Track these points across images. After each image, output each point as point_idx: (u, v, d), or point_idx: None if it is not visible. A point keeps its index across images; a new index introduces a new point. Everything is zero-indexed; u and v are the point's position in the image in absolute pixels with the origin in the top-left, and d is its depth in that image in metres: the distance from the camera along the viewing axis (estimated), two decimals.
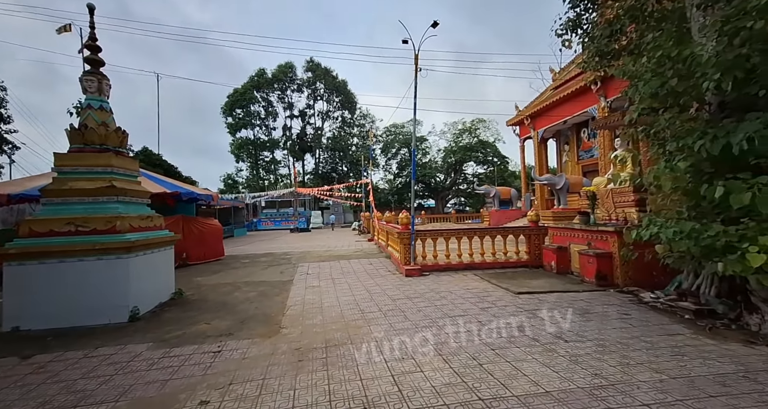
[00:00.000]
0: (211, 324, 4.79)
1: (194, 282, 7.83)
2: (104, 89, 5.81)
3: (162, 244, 6.01)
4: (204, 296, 6.57)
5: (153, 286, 5.70)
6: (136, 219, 5.54)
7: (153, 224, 6.00)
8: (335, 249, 13.87)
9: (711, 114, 4.57)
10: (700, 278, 4.75)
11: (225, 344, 3.96)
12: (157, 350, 3.87)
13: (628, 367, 3.02)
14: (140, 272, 5.35)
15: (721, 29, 3.75)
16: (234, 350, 3.79)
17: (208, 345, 3.97)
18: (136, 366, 3.47)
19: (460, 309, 4.99)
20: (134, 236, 5.29)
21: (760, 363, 3.02)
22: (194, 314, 5.30)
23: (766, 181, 3.51)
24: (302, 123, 47.52)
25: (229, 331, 4.46)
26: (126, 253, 5.07)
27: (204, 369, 3.32)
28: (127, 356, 3.73)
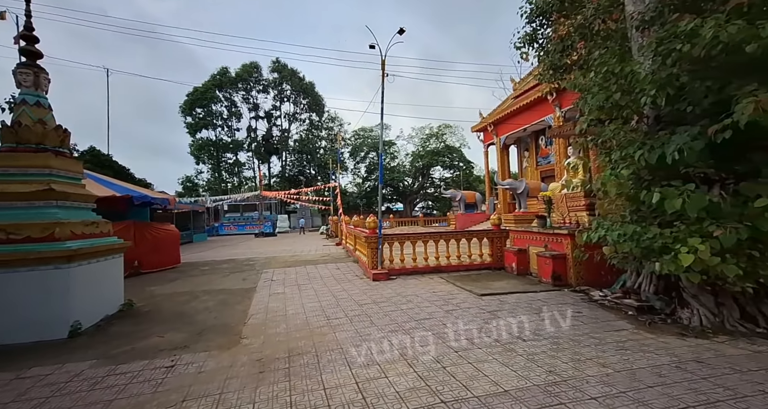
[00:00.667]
0: (165, 337, 4.51)
1: (147, 292, 7.33)
2: (42, 83, 5.33)
3: (109, 252, 5.58)
4: (157, 306, 6.17)
5: (98, 298, 5.27)
6: (78, 225, 5.11)
7: (99, 230, 5.56)
8: (302, 254, 13.59)
9: (649, 126, 5.00)
10: (641, 277, 5.15)
11: (179, 358, 3.74)
12: (101, 368, 3.57)
13: (579, 363, 3.20)
14: (83, 283, 4.93)
15: (656, 50, 4.14)
16: (189, 363, 3.59)
17: (161, 360, 3.73)
18: (75, 387, 3.18)
19: (426, 312, 5.06)
20: (76, 244, 4.87)
21: (690, 354, 3.33)
22: (146, 327, 4.96)
23: (693, 188, 3.90)
24: (268, 125, 46.31)
25: (185, 343, 4.22)
26: (66, 263, 4.65)
27: (154, 386, 3.11)
28: (66, 376, 3.41)
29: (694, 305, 4.28)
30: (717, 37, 3.41)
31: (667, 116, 4.77)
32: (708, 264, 3.65)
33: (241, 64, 42.96)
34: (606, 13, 5.53)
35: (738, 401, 2.46)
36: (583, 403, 2.53)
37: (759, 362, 3.09)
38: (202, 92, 40.52)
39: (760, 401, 2.46)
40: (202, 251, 16.79)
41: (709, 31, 3.43)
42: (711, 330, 3.93)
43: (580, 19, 5.76)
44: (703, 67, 3.94)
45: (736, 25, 3.31)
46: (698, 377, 2.82)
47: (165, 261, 10.56)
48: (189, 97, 40.80)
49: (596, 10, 5.62)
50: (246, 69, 42.66)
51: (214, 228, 32.71)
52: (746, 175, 4.08)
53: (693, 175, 4.31)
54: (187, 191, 41.58)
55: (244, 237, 28.10)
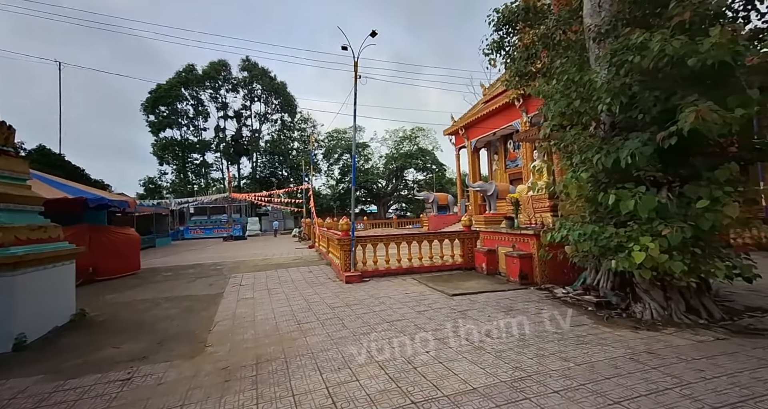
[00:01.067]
0: (122, 348, 4.24)
1: (103, 300, 6.87)
2: None
3: (59, 258, 5.19)
4: (114, 315, 5.80)
5: (47, 308, 4.88)
6: (23, 230, 4.71)
7: (47, 235, 5.16)
8: (273, 257, 13.26)
9: (605, 132, 5.30)
10: (599, 275, 5.45)
11: (137, 370, 3.53)
12: (48, 384, 3.30)
13: (543, 358, 3.33)
14: (29, 293, 4.54)
15: (610, 61, 4.41)
16: (148, 375, 3.40)
17: (116, 373, 3.50)
18: (19, 405, 2.92)
19: (398, 314, 5.08)
20: (21, 250, 4.48)
21: (642, 345, 3.55)
22: (99, 338, 4.65)
23: (644, 190, 4.18)
24: (238, 125, 44.96)
25: (144, 354, 3.99)
26: (10, 270, 4.27)
27: (108, 401, 2.91)
28: (9, 393, 3.13)
29: (645, 299, 4.57)
30: (663, 50, 3.68)
31: (620, 123, 5.08)
32: (657, 261, 3.92)
33: (209, 62, 41.52)
34: (566, 24, 5.84)
35: (683, 387, 2.66)
36: (546, 397, 2.63)
37: (701, 351, 3.35)
38: (166, 90, 38.71)
39: (702, 386, 2.66)
40: (165, 255, 15.97)
41: (657, 44, 3.70)
42: (661, 323, 4.22)
43: (543, 29, 6.04)
44: (652, 78, 4.24)
45: (680, 40, 3.59)
46: (649, 368, 3.02)
47: (124, 267, 9.96)
48: (152, 94, 38.87)
49: (557, 22, 5.92)
50: (214, 67, 41.27)
51: (179, 232, 31.27)
52: (689, 178, 4.43)
53: (644, 178, 4.61)
54: (149, 193, 39.48)
55: (212, 241, 27.06)
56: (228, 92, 43.66)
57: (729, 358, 3.15)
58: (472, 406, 2.56)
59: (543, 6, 6.62)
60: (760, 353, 3.25)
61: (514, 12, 6.65)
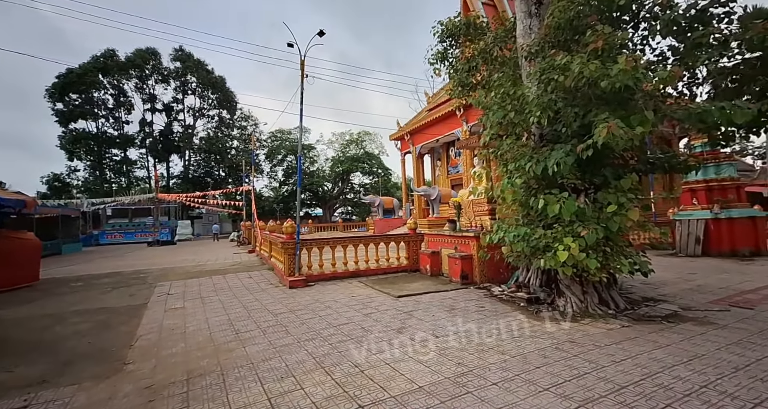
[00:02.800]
0: (15, 372, 3.59)
1: None
2: None
3: None
4: (4, 334, 4.89)
5: None
6: None
7: None
8: (208, 263, 12.27)
9: (535, 143, 5.83)
10: (530, 273, 5.94)
11: (36, 397, 3.01)
12: None
13: (483, 353, 3.53)
14: None
15: (539, 78, 4.87)
16: (50, 402, 2.91)
17: (8, 401, 2.94)
18: None
19: (345, 317, 5.01)
20: None
21: (565, 336, 3.94)
22: None
23: (566, 196, 4.68)
24: (167, 119, 41.11)
25: (43, 378, 3.41)
26: None
27: None
28: None
29: (567, 294, 5.09)
30: (582, 72, 4.16)
31: (547, 135, 5.63)
32: (577, 259, 4.40)
33: (135, 49, 37.44)
34: (502, 41, 6.33)
35: (599, 371, 3.00)
36: (486, 389, 2.78)
37: (611, 338, 3.81)
38: (79, 75, 33.95)
39: (613, 369, 3.03)
40: (74, 263, 13.93)
41: (577, 66, 4.17)
42: (579, 314, 4.73)
43: (482, 44, 6.48)
44: (572, 96, 4.76)
45: (595, 64, 4.09)
46: (571, 355, 3.36)
47: (17, 278, 8.47)
48: (60, 79, 33.83)
49: (495, 38, 6.39)
50: (141, 54, 37.25)
51: (93, 237, 27.57)
52: (601, 185, 5.05)
53: (566, 185, 5.16)
54: (55, 193, 34.25)
55: (134, 246, 24.31)
56: (157, 83, 39.74)
57: (632, 343, 3.63)
58: (418, 405, 2.61)
59: (482, 23, 7.10)
60: (654, 337, 3.79)
61: (457, 26, 7.04)
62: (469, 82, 6.69)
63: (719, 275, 7.09)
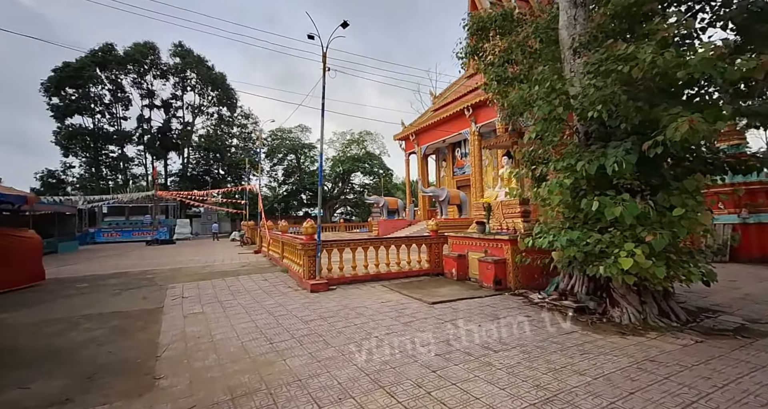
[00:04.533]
0: (32, 388, 3.19)
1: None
2: None
3: None
4: (13, 342, 4.47)
5: None
6: None
7: None
8: (216, 264, 11.83)
9: (580, 141, 5.50)
10: (573, 279, 5.61)
11: None
12: None
13: (557, 372, 3.17)
14: None
15: (597, 70, 4.52)
16: None
17: None
18: None
19: (383, 326, 4.64)
20: None
21: (640, 353, 3.57)
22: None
23: (628, 198, 4.33)
24: (166, 116, 40.45)
25: (67, 395, 3.03)
26: None
27: None
28: None
29: (623, 304, 4.75)
30: (654, 61, 3.83)
31: (594, 132, 5.31)
32: (642, 267, 4.06)
33: (133, 43, 36.72)
34: (544, 32, 5.98)
35: (705, 399, 2.64)
36: None
37: (692, 356, 3.46)
38: (76, 69, 33.23)
39: (720, 396, 2.68)
40: (74, 263, 13.42)
41: (649, 55, 3.83)
42: (641, 327, 4.39)
43: (522, 36, 6.15)
44: (634, 89, 4.42)
45: (671, 53, 3.77)
46: (661, 378, 3.01)
47: (21, 278, 8.01)
48: (57, 73, 33.09)
49: (536, 29, 6.04)
50: (139, 49, 36.54)
51: (89, 235, 26.93)
52: (658, 187, 4.72)
53: (620, 187, 4.83)
54: (49, 189, 33.45)
55: (133, 245, 23.75)
56: (155, 79, 39.06)
57: (720, 362, 3.29)
58: None
59: (519, 15, 6.77)
60: (740, 355, 3.46)
61: (491, 18, 6.71)
62: (506, 77, 6.34)
63: (761, 283, 6.82)
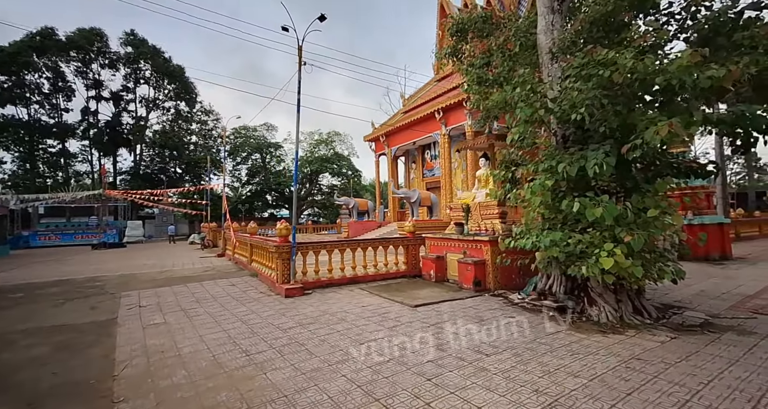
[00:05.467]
0: None
1: None
2: None
3: None
4: None
5: None
6: None
7: None
8: (175, 269, 10.93)
9: (558, 143, 5.63)
10: (551, 279, 5.72)
11: None
12: None
13: (552, 375, 3.13)
14: None
15: (579, 73, 4.62)
16: None
17: None
18: None
19: (368, 333, 4.43)
20: None
21: (624, 351, 3.64)
22: None
23: (607, 199, 4.47)
24: (116, 109, 37.39)
25: None
26: None
27: None
28: None
29: (600, 302, 4.89)
30: (634, 67, 3.97)
31: (571, 135, 5.46)
32: (622, 266, 4.19)
33: (77, 28, 33.55)
34: (524, 36, 6.08)
35: (697, 396, 2.70)
36: None
37: (674, 353, 3.57)
38: (10, 54, 29.79)
39: (710, 393, 2.75)
40: (5, 270, 11.86)
41: (630, 61, 3.96)
42: (618, 325, 4.52)
43: (503, 38, 6.22)
44: (613, 93, 4.57)
45: (650, 59, 3.92)
46: (651, 377, 3.06)
47: None
48: None
49: (516, 31, 6.13)
50: (84, 35, 33.41)
51: (23, 238, 24.17)
52: (632, 189, 4.93)
53: (596, 188, 4.99)
54: None
55: (76, 249, 21.62)
56: (103, 68, 35.97)
57: (699, 358, 3.41)
58: None
59: (498, 19, 6.85)
60: (713, 350, 3.62)
61: (471, 20, 6.74)
62: (487, 78, 6.39)
63: (710, 280, 7.39)
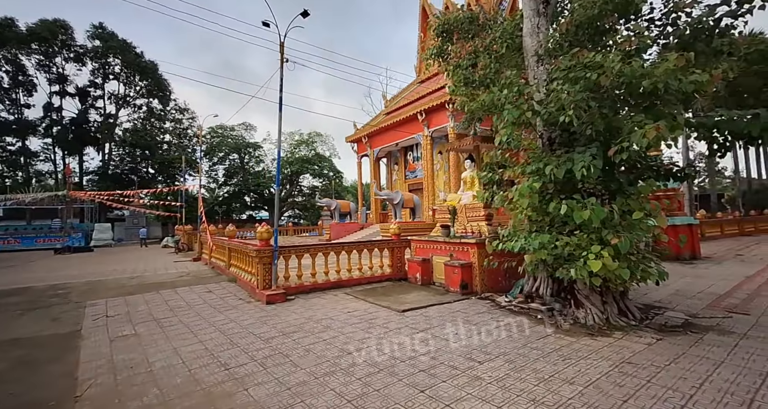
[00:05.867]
0: None
1: None
2: None
3: None
4: None
5: None
6: None
7: None
8: (147, 275, 10.34)
9: (544, 145, 5.64)
10: (538, 282, 5.72)
11: None
12: None
13: (547, 383, 3.06)
14: None
15: (566, 76, 4.63)
16: None
17: None
18: None
19: (356, 340, 4.25)
20: None
21: (615, 355, 3.62)
22: None
23: (594, 201, 4.48)
24: (82, 105, 35.42)
25: None
26: None
27: None
28: None
29: (587, 305, 4.90)
30: (622, 70, 3.99)
31: (558, 138, 5.48)
32: (609, 268, 4.20)
33: (39, 19, 31.56)
34: (510, 38, 6.08)
35: (691, 401, 2.70)
36: None
37: (662, 355, 3.57)
38: None
39: (702, 397, 2.75)
40: None
41: (617, 64, 3.99)
42: (605, 327, 4.54)
43: (489, 39, 6.20)
44: (599, 96, 4.59)
45: (637, 62, 3.95)
46: (644, 381, 3.03)
47: None
48: None
49: (503, 32, 6.11)
50: (47, 26, 31.46)
51: None
52: (616, 191, 4.98)
53: (583, 191, 5.02)
54: None
55: (38, 254, 20.27)
56: (68, 62, 34.00)
57: (687, 361, 3.43)
58: None
59: (485, 20, 6.82)
60: (697, 352, 3.65)
61: (459, 20, 6.69)
62: (473, 79, 6.34)
63: (683, 279, 7.63)
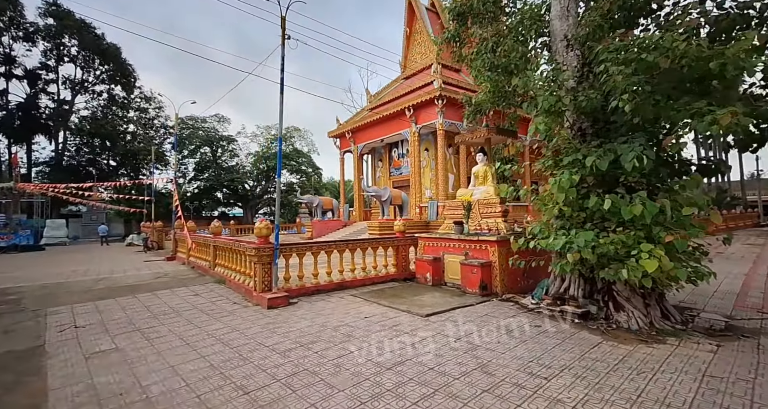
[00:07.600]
0: None
1: None
2: None
3: None
4: None
5: None
6: None
7: None
8: (116, 276, 9.13)
9: (573, 137, 5.28)
10: (567, 282, 5.32)
11: None
12: None
13: (641, 406, 2.62)
14: None
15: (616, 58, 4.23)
16: None
17: None
18: None
19: (388, 353, 3.65)
20: None
21: (688, 366, 3.24)
22: None
23: (645, 195, 4.14)
24: (32, 89, 32.03)
25: None
26: None
27: None
28: None
29: (628, 307, 4.55)
30: (686, 51, 3.66)
31: (589, 128, 5.14)
32: (665, 268, 3.87)
33: None
34: (539, 20, 5.67)
35: None
36: None
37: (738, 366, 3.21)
38: None
39: None
40: None
41: (682, 44, 3.65)
42: (653, 332, 4.20)
43: (516, 22, 5.78)
44: (654, 81, 4.23)
45: (705, 41, 3.62)
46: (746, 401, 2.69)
47: None
48: None
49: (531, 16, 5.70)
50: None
51: None
52: (656, 187, 4.69)
53: (623, 184, 4.69)
54: None
55: None
56: (16, 41, 30.61)
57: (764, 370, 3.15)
58: None
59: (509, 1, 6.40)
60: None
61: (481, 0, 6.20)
62: (499, 64, 5.88)
63: None
